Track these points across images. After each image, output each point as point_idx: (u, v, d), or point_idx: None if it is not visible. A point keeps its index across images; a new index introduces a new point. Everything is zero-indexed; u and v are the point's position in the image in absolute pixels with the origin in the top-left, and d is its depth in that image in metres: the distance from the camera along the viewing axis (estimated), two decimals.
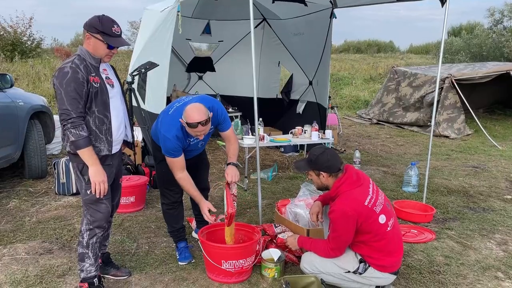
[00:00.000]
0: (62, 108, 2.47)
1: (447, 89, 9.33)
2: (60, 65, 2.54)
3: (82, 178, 2.64)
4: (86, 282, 2.74)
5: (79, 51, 2.62)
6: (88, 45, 2.60)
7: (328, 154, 2.77)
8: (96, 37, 2.56)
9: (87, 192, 2.64)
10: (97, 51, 2.60)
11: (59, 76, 2.48)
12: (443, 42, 4.60)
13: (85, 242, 2.71)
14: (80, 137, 2.48)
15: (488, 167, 6.53)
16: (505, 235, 3.98)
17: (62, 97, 2.46)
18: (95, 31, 2.56)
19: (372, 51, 26.27)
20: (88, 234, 2.70)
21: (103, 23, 2.57)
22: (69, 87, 2.45)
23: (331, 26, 6.24)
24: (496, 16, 17.91)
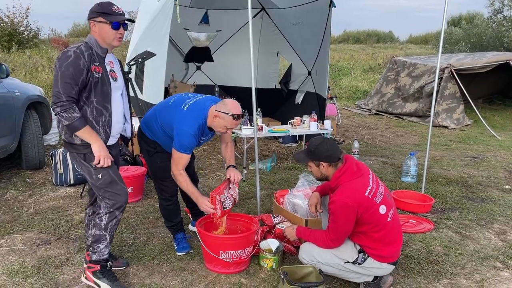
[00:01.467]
0: (55, 90, 2.44)
1: (446, 79, 9.29)
2: (66, 49, 2.52)
3: (89, 165, 2.60)
4: (99, 264, 2.74)
5: (87, 39, 2.61)
6: (95, 34, 2.59)
7: (327, 144, 2.74)
8: (99, 20, 2.55)
9: (98, 177, 2.61)
10: (104, 35, 2.57)
11: (61, 59, 2.46)
12: (443, 32, 4.55)
13: (104, 225, 2.68)
14: (74, 119, 2.44)
15: (487, 157, 6.52)
16: (503, 225, 3.98)
17: (58, 79, 2.43)
18: (96, 15, 2.55)
19: (371, 41, 26.14)
20: (108, 216, 2.67)
21: (101, 5, 2.57)
22: (67, 70, 2.42)
23: (330, 16, 6.18)
24: (496, 5, 17.75)
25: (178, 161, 2.98)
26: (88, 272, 2.78)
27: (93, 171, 2.61)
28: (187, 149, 2.95)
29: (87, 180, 2.70)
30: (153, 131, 3.16)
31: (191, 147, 2.99)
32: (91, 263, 2.76)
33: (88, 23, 2.61)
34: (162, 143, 3.16)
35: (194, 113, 2.96)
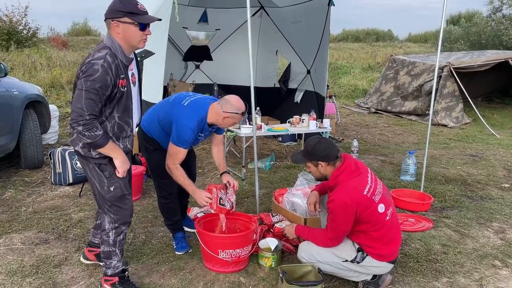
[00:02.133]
0: (77, 106, 2.23)
1: (445, 77, 9.29)
2: (91, 58, 2.28)
3: (103, 175, 2.47)
4: (117, 276, 2.67)
5: (109, 42, 2.34)
6: (118, 35, 2.34)
7: (324, 143, 2.74)
8: (125, 21, 2.31)
9: (110, 189, 2.49)
10: (130, 37, 2.35)
11: (86, 72, 2.24)
12: (441, 31, 4.55)
13: (112, 241, 2.58)
14: (97, 137, 2.28)
15: (486, 155, 6.52)
16: (502, 224, 3.98)
17: (81, 94, 2.22)
18: (121, 14, 2.30)
19: (370, 40, 26.13)
20: (114, 232, 2.58)
21: (125, 3, 2.31)
22: (93, 86, 2.22)
23: (329, 14, 6.17)
24: (495, 4, 17.80)
25: (175, 156, 2.96)
26: (105, 284, 2.68)
27: (106, 182, 2.48)
28: (185, 143, 2.94)
29: (96, 189, 2.53)
30: (152, 129, 3.16)
31: (189, 142, 2.97)
32: (109, 276, 2.67)
33: (107, 22, 2.36)
34: (161, 140, 3.16)
35: (194, 109, 2.98)
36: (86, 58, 2.31)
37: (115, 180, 2.52)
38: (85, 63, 2.28)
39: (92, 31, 21.83)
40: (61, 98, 9.45)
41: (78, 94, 2.24)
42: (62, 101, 9.23)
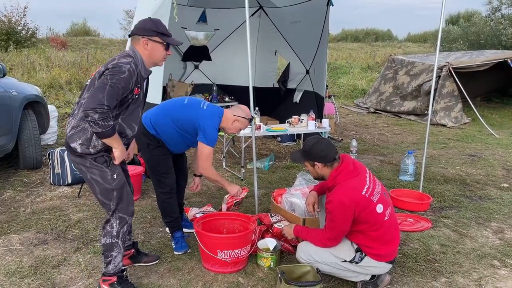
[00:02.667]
0: (98, 95, 2.29)
1: (444, 77, 9.30)
2: (117, 61, 2.41)
3: (102, 165, 2.52)
4: (116, 275, 2.67)
5: (132, 53, 2.50)
6: (144, 51, 2.53)
7: (322, 144, 2.74)
8: (155, 40, 2.52)
9: (113, 177, 2.54)
10: (155, 55, 2.56)
11: (113, 70, 2.36)
12: (440, 31, 4.55)
13: (116, 232, 2.62)
14: (109, 127, 2.35)
15: (485, 155, 6.53)
16: (501, 223, 3.98)
17: (105, 87, 2.31)
18: (153, 34, 2.52)
19: (370, 39, 26.13)
20: (119, 223, 2.62)
21: (157, 25, 2.54)
22: (118, 84, 2.34)
23: (328, 14, 6.17)
24: (494, 3, 17.83)
25: (208, 156, 3.21)
26: (104, 285, 2.69)
27: (108, 171, 2.53)
28: (214, 142, 3.20)
29: (98, 185, 2.56)
30: (161, 129, 3.24)
31: (216, 141, 3.24)
32: (106, 276, 2.69)
33: (136, 38, 2.53)
34: (168, 140, 3.26)
35: (213, 112, 3.24)
36: (111, 61, 2.44)
37: (115, 167, 2.58)
38: (112, 64, 2.40)
39: (91, 31, 21.82)
40: (60, 99, 9.44)
41: (101, 86, 2.33)
42: (61, 101, 9.22)
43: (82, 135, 2.47)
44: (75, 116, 2.52)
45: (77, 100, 2.57)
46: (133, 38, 2.56)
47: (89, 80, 2.52)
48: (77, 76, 10.85)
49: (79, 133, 2.47)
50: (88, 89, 2.47)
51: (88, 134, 2.48)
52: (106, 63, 2.45)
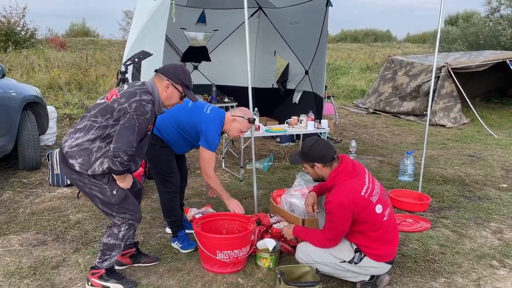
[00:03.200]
0: (129, 136, 2.41)
1: (443, 78, 9.31)
2: (139, 97, 2.49)
3: (101, 182, 2.57)
4: (104, 268, 2.73)
5: (150, 88, 2.59)
6: (163, 92, 2.62)
7: (320, 145, 2.74)
8: (177, 88, 2.64)
9: (113, 193, 2.59)
10: (171, 100, 2.66)
11: (138, 109, 2.46)
12: (439, 31, 4.56)
13: (122, 235, 2.67)
14: (129, 166, 2.49)
15: (484, 156, 6.54)
16: (500, 224, 3.99)
17: (134, 128, 2.42)
18: (179, 82, 2.63)
19: (369, 40, 26.14)
20: (127, 228, 2.68)
21: (186, 76, 2.66)
22: (143, 124, 2.46)
23: (327, 15, 6.18)
24: (493, 4, 17.82)
25: (210, 161, 3.22)
26: (93, 278, 2.72)
27: (107, 187, 2.58)
28: (215, 147, 3.22)
29: (99, 200, 2.60)
30: (165, 131, 3.26)
31: (217, 146, 3.25)
32: (95, 269, 2.73)
33: (161, 77, 2.63)
34: (172, 141, 3.28)
35: (217, 116, 3.24)
36: (132, 95, 2.51)
37: (115, 183, 2.60)
38: (135, 102, 2.47)
39: (90, 32, 21.81)
40: (59, 99, 9.43)
41: (130, 127, 2.42)
42: (60, 102, 9.21)
43: (84, 156, 2.51)
44: (78, 132, 2.52)
45: (82, 116, 2.61)
46: (158, 75, 2.65)
47: (102, 99, 2.57)
48: (76, 77, 10.84)
49: (81, 152, 2.50)
50: (101, 111, 2.50)
51: (92, 158, 2.52)
52: (128, 97, 2.49)
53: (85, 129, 2.51)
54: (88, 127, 2.50)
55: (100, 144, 2.51)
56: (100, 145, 2.51)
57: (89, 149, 2.50)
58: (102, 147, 2.51)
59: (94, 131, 2.49)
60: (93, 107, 2.57)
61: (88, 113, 2.55)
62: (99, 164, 2.51)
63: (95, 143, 2.50)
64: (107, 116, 2.48)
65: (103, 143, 2.51)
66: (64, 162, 2.58)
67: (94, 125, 2.49)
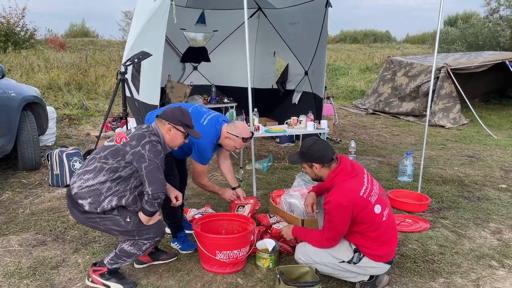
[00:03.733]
0: (159, 177, 2.55)
1: (442, 78, 9.31)
2: (148, 139, 2.60)
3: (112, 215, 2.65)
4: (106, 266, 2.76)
5: (155, 130, 2.71)
6: (167, 135, 2.73)
7: (319, 145, 2.75)
8: (179, 129, 2.73)
9: (127, 221, 2.66)
10: (175, 141, 2.77)
11: (152, 150, 2.56)
12: (438, 32, 4.57)
13: (145, 248, 2.74)
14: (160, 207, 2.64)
15: (483, 156, 6.54)
16: (499, 224, 3.99)
17: (158, 167, 2.55)
18: (179, 123, 2.72)
19: (368, 41, 26.14)
20: (152, 244, 2.76)
21: (185, 117, 2.75)
22: (160, 163, 2.58)
23: (326, 15, 6.18)
24: (492, 5, 17.80)
25: (201, 174, 3.28)
26: (94, 275, 2.75)
27: (119, 218, 2.65)
28: (207, 160, 3.25)
29: (116, 231, 2.68)
30: None
31: (210, 159, 3.28)
32: (97, 266, 2.76)
33: (162, 121, 2.73)
34: None
35: (212, 129, 3.21)
36: (143, 138, 2.61)
37: (124, 210, 2.68)
38: (147, 142, 2.59)
39: (90, 32, 21.80)
40: (59, 100, 9.43)
41: (155, 167, 2.54)
42: (60, 102, 9.22)
43: (94, 196, 2.59)
44: (88, 173, 2.60)
45: (90, 157, 2.68)
46: (159, 120, 2.75)
47: (111, 142, 2.65)
48: (76, 77, 10.85)
49: (91, 193, 2.58)
50: (112, 153, 2.59)
51: (102, 197, 2.59)
52: (138, 140, 2.60)
53: (95, 171, 2.59)
54: (98, 169, 2.59)
55: (110, 185, 2.60)
56: (110, 185, 2.60)
57: (99, 190, 2.59)
58: (112, 187, 2.60)
59: (104, 172, 2.58)
60: (101, 149, 2.65)
61: (97, 155, 2.63)
62: (108, 202, 2.60)
63: (106, 184, 2.59)
64: (118, 158, 2.57)
65: (113, 184, 2.60)
66: (73, 204, 2.66)
67: (104, 167, 2.58)
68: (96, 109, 9.11)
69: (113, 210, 2.64)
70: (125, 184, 2.63)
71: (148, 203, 2.55)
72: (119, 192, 2.62)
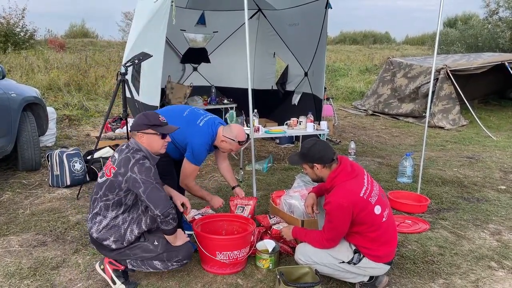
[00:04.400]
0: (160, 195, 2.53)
1: (442, 80, 9.33)
2: (134, 160, 2.57)
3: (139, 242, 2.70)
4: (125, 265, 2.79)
5: (136, 145, 2.68)
6: (143, 143, 2.70)
7: (320, 145, 2.76)
8: (148, 132, 2.68)
9: (155, 244, 2.71)
10: (153, 145, 2.71)
11: (141, 171, 2.54)
12: (438, 33, 4.58)
13: (171, 268, 2.79)
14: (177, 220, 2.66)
15: (483, 157, 6.55)
16: (498, 225, 4.00)
17: (155, 186, 2.54)
18: (145, 127, 2.68)
19: (368, 42, 26.18)
20: (179, 265, 2.79)
21: (149, 117, 2.70)
22: (157, 179, 2.58)
23: (326, 17, 6.20)
24: (491, 6, 17.84)
25: (192, 174, 3.27)
26: (108, 266, 2.77)
27: (147, 243, 2.69)
28: (200, 161, 3.25)
29: (148, 259, 2.72)
30: None
31: (203, 160, 3.30)
32: (116, 261, 2.78)
33: (133, 134, 2.71)
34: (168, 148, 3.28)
35: (209, 130, 3.23)
36: (128, 161, 2.58)
37: (150, 235, 2.73)
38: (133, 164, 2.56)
39: (90, 33, 21.80)
40: (59, 100, 9.44)
41: (153, 188, 2.53)
42: (60, 103, 9.22)
43: (115, 232, 2.64)
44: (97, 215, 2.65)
45: (92, 200, 2.71)
46: (132, 133, 2.74)
47: (103, 178, 2.66)
48: (76, 78, 10.84)
49: (110, 231, 2.63)
50: (108, 188, 2.60)
51: (122, 231, 2.64)
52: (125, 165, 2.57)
53: (102, 210, 2.64)
54: (104, 208, 2.64)
55: (124, 217, 2.66)
56: (123, 217, 2.65)
57: (116, 226, 2.64)
58: (126, 218, 2.66)
59: (111, 208, 2.63)
60: (98, 188, 2.67)
61: (97, 195, 2.67)
62: (130, 233, 2.65)
63: (118, 218, 2.64)
64: (116, 190, 2.60)
65: (125, 215, 2.66)
66: (100, 247, 2.72)
67: (108, 204, 2.62)
68: (96, 109, 9.12)
69: (139, 239, 2.69)
70: (136, 209, 2.69)
71: (163, 223, 2.57)
72: (134, 220, 2.68)
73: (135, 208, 2.69)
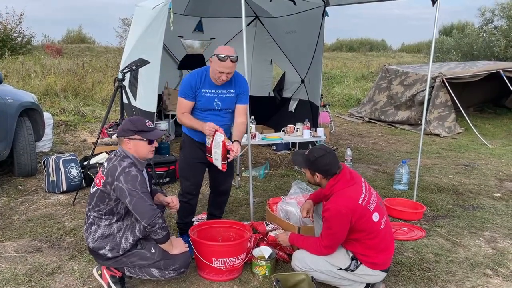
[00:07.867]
0: (146, 205, 2.51)
1: (438, 87, 9.39)
2: (120, 168, 2.57)
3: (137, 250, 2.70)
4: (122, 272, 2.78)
5: (122, 153, 2.67)
6: (129, 149, 2.68)
7: (328, 158, 2.76)
8: (135, 138, 2.66)
9: (152, 252, 2.70)
10: (140, 151, 2.69)
11: (127, 180, 2.53)
12: (434, 41, 4.62)
13: (168, 277, 2.75)
14: (167, 228, 2.62)
15: (478, 165, 6.59)
16: (494, 233, 4.02)
17: (143, 197, 2.52)
18: (131, 133, 2.66)
19: (364, 49, 26.36)
20: (176, 274, 2.76)
21: (135, 123, 2.69)
22: (143, 188, 2.55)
23: (323, 24, 6.24)
24: (487, 15, 18.03)
25: (179, 106, 3.26)
26: (106, 272, 2.76)
27: (143, 251, 2.69)
28: (183, 93, 3.21)
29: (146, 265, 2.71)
30: None
31: (186, 92, 3.20)
32: (115, 268, 2.78)
33: (119, 140, 2.71)
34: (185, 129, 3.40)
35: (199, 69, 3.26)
36: (115, 170, 2.58)
37: (147, 243, 2.73)
38: (119, 173, 2.55)
39: (87, 39, 21.84)
40: (55, 106, 9.42)
41: (139, 198, 2.51)
42: (56, 108, 9.20)
43: (110, 241, 2.65)
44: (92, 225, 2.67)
45: (87, 210, 2.73)
46: (119, 140, 2.73)
47: (94, 188, 2.68)
48: (73, 84, 10.84)
49: (106, 240, 2.65)
50: (99, 199, 2.62)
51: (117, 239, 2.65)
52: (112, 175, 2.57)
53: (96, 220, 2.66)
54: (97, 217, 2.66)
55: (118, 225, 2.67)
56: (117, 225, 2.66)
57: (111, 234, 2.65)
58: (120, 226, 2.67)
59: (104, 218, 2.65)
60: (90, 198, 2.69)
61: (90, 206, 2.69)
62: (125, 241, 2.66)
63: (112, 227, 2.65)
64: (106, 200, 2.61)
65: (119, 223, 2.67)
66: (96, 256, 2.72)
67: (101, 213, 2.64)
68: (92, 115, 9.10)
69: (136, 246, 2.69)
70: (129, 217, 2.69)
71: (152, 233, 2.56)
72: (129, 227, 2.68)
73: (129, 216, 2.69)
